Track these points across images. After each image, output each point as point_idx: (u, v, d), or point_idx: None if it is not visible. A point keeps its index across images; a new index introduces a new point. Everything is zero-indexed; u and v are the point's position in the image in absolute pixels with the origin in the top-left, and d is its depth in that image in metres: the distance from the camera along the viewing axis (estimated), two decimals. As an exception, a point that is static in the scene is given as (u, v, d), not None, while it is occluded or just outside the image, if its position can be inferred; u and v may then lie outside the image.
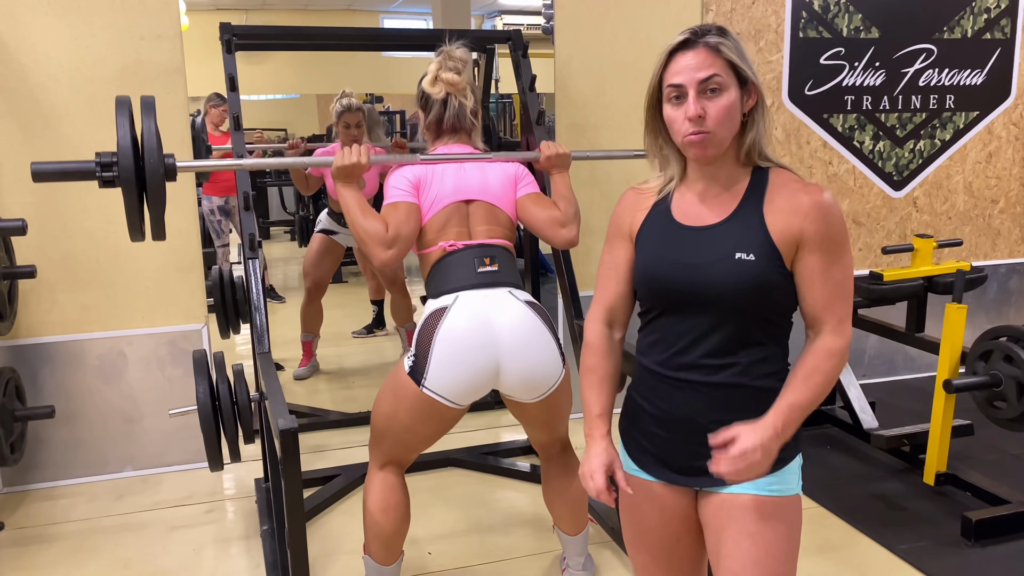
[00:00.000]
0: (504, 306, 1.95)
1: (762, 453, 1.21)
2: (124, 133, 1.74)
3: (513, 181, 2.14)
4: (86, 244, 2.92)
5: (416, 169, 2.06)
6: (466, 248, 2.01)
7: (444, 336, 1.89)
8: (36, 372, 2.92)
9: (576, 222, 2.13)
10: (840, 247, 1.26)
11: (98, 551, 2.55)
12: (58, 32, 2.80)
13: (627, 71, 3.36)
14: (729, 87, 1.26)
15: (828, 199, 1.27)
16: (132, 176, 1.75)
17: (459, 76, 2.11)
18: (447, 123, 2.12)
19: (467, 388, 1.91)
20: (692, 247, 1.32)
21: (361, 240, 1.96)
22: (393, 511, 2.02)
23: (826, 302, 1.27)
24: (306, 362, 4.19)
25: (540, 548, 2.50)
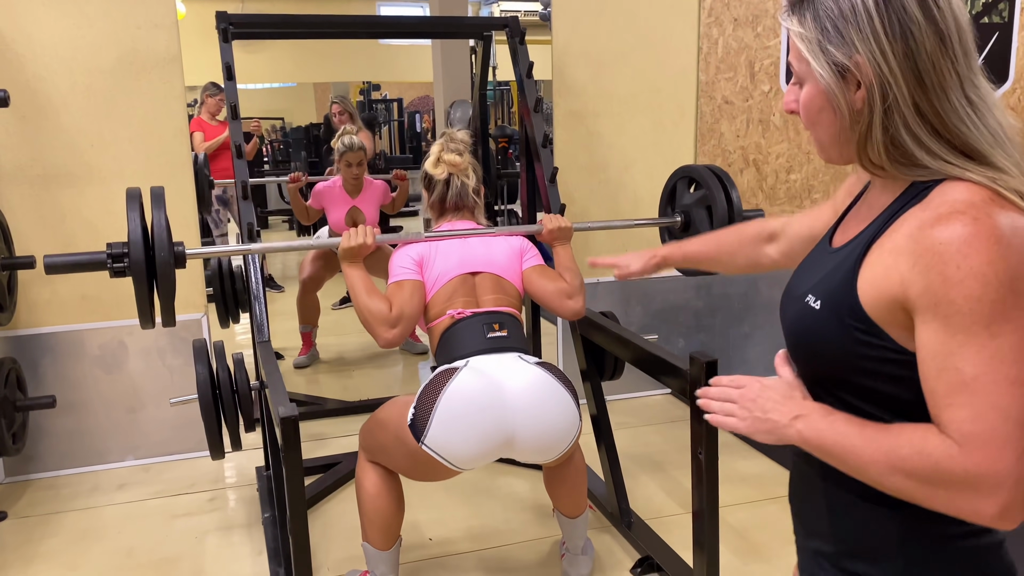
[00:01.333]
0: (515, 369, 1.93)
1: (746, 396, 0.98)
2: (135, 225, 1.80)
3: (519, 254, 2.19)
4: (85, 234, 2.92)
5: (419, 247, 2.10)
6: (474, 315, 2.03)
7: (451, 394, 1.84)
8: (37, 362, 2.93)
9: (582, 293, 2.17)
10: (973, 319, 0.78)
11: (101, 540, 2.57)
12: (55, 22, 2.79)
13: (625, 58, 3.36)
14: (807, 78, 0.92)
15: (955, 236, 0.78)
16: (143, 268, 1.81)
17: (461, 158, 2.17)
18: (450, 202, 2.19)
19: (472, 452, 1.85)
20: (804, 273, 1.02)
21: (365, 320, 1.98)
22: (386, 495, 2.03)
23: (941, 401, 0.80)
24: (306, 351, 4.21)
25: (540, 534, 2.52)
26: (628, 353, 2.25)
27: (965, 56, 0.86)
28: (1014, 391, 0.77)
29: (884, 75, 0.85)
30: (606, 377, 2.55)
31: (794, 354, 1.00)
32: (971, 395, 0.78)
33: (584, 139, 3.40)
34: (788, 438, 0.94)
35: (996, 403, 0.77)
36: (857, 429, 0.87)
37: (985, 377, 0.78)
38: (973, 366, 0.78)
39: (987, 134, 0.85)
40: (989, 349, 0.77)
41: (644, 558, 2.34)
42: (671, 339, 3.63)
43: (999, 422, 0.77)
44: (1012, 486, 0.77)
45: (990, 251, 0.77)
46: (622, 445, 2.55)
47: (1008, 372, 0.77)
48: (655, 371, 2.11)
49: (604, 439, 2.50)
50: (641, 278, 1.81)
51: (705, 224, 2.43)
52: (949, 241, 0.78)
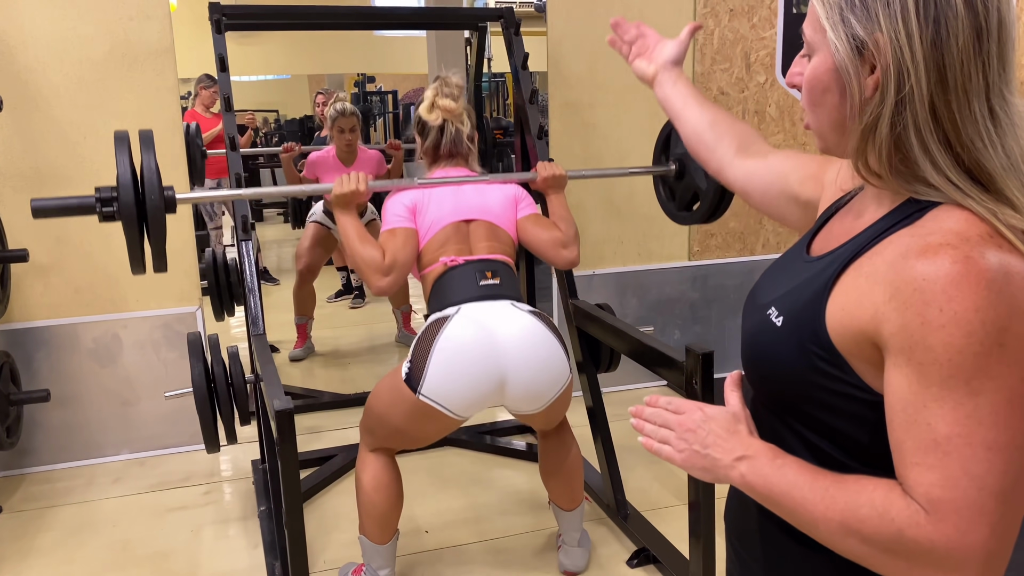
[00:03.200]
0: (508, 317, 1.94)
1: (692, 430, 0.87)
2: (124, 168, 1.75)
3: (513, 202, 2.17)
4: (78, 227, 2.90)
5: (412, 194, 2.08)
6: (467, 263, 2.03)
7: (444, 343, 1.86)
8: (31, 356, 2.92)
9: (576, 242, 2.16)
10: (951, 371, 0.68)
11: (96, 533, 2.56)
12: (46, 13, 2.77)
13: (620, 49, 3.34)
14: (817, 52, 0.81)
15: (941, 274, 0.69)
16: (133, 211, 1.76)
17: (455, 103, 2.13)
18: (444, 148, 2.16)
19: (467, 398, 1.88)
20: (772, 276, 0.94)
21: (358, 267, 1.98)
22: (386, 489, 2.03)
23: (909, 459, 0.71)
24: (301, 344, 4.20)
25: (536, 526, 2.52)
26: (624, 345, 2.25)
27: (1001, 63, 0.75)
28: (991, 457, 0.68)
29: (904, 61, 0.73)
30: (602, 369, 2.55)
31: (747, 369, 0.91)
32: (943, 456, 0.69)
33: (579, 130, 3.39)
34: (729, 479, 0.84)
35: (970, 469, 0.68)
36: (809, 479, 0.77)
37: (959, 439, 0.68)
38: (947, 424, 0.68)
39: (1002, 155, 0.74)
40: (966, 408, 0.68)
41: (640, 549, 2.35)
42: (667, 331, 3.63)
43: (972, 491, 0.68)
44: (981, 564, 0.68)
45: (978, 296, 0.67)
46: (618, 437, 2.55)
47: (986, 436, 0.68)
48: (651, 363, 2.10)
49: (600, 431, 2.50)
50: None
51: (700, 172, 2.33)
52: (934, 278, 0.69)
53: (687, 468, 0.88)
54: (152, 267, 1.89)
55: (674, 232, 3.55)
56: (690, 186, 2.38)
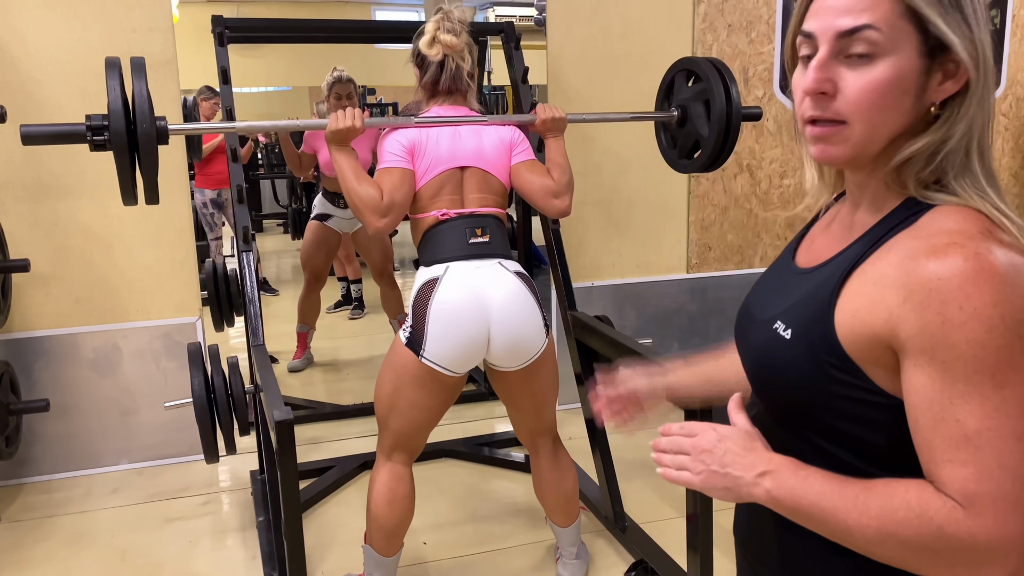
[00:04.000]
0: (494, 278, 1.99)
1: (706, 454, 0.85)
2: (115, 95, 1.70)
3: (508, 147, 2.13)
4: (80, 238, 2.92)
5: (410, 133, 2.04)
6: (459, 217, 2.03)
7: (437, 308, 1.93)
8: (30, 366, 2.92)
9: (569, 192, 2.13)
10: (976, 367, 0.69)
11: (94, 543, 2.56)
12: (50, 25, 2.79)
13: (619, 63, 3.37)
14: (891, 52, 0.75)
15: (955, 272, 0.70)
16: (124, 139, 1.71)
17: (457, 38, 2.07)
18: (443, 85, 2.10)
19: (462, 357, 1.96)
20: (767, 290, 0.93)
21: (355, 207, 1.97)
22: (399, 503, 2.03)
23: (940, 456, 0.72)
24: (300, 354, 4.20)
25: (534, 537, 2.52)
26: (623, 357, 2.25)
27: None
28: (1022, 448, 0.69)
29: (982, 65, 0.73)
30: (600, 381, 2.55)
31: (757, 386, 0.90)
32: (975, 451, 0.69)
33: (579, 143, 3.40)
34: (753, 496, 0.82)
35: (1003, 461, 0.68)
36: (837, 488, 0.76)
37: (990, 432, 0.69)
38: (976, 419, 0.69)
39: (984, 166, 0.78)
40: (994, 401, 0.69)
41: (638, 562, 2.35)
42: (666, 343, 3.64)
43: (1007, 482, 0.68)
44: (1021, 553, 0.69)
45: (995, 291, 0.68)
46: (616, 449, 2.56)
47: (1015, 427, 0.69)
48: (649, 375, 2.11)
49: (598, 443, 2.51)
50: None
51: (702, 120, 2.29)
52: (948, 277, 0.70)
53: (707, 490, 0.86)
54: (143, 199, 1.84)
55: (672, 245, 3.57)
56: (692, 133, 2.33)
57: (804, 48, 0.80)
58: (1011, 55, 3.92)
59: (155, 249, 3.00)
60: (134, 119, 1.74)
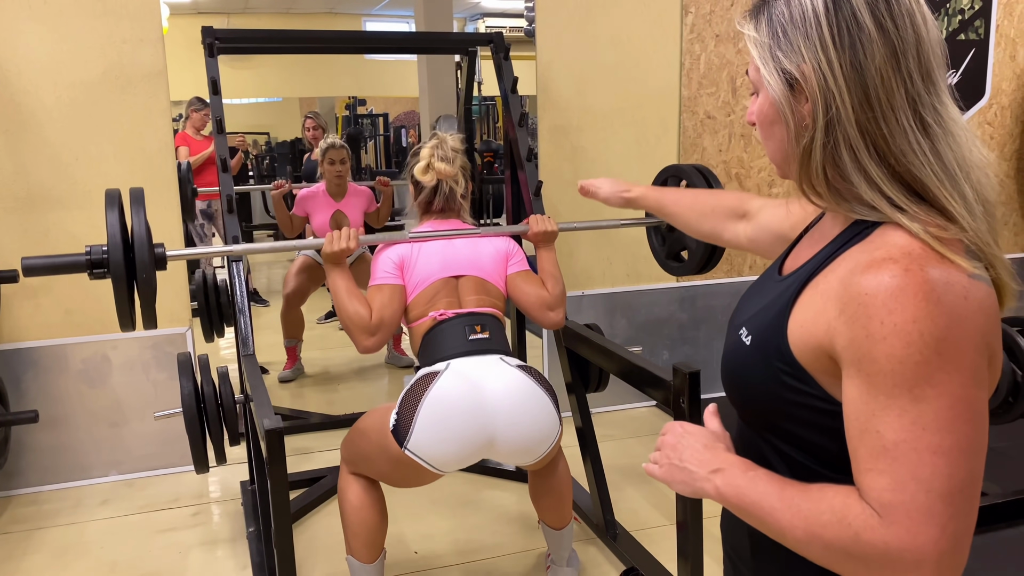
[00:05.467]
0: (496, 372, 1.94)
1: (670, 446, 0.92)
2: (114, 228, 1.75)
3: (504, 257, 2.19)
4: (69, 248, 2.90)
5: (401, 249, 2.09)
6: (456, 317, 2.03)
7: (433, 399, 1.85)
8: (19, 377, 2.91)
9: (563, 304, 2.19)
10: (895, 380, 0.72)
11: (84, 555, 2.55)
12: (40, 36, 2.80)
13: (608, 73, 3.39)
14: (760, 91, 0.88)
15: (882, 288, 0.73)
16: (123, 270, 1.76)
17: (451, 166, 2.15)
18: (437, 205, 2.19)
19: (453, 455, 1.87)
20: (749, 299, 0.98)
21: (345, 325, 2.00)
22: (370, 507, 2.03)
23: (863, 465, 0.75)
24: (291, 365, 4.20)
25: (526, 546, 2.52)
26: (613, 365, 2.26)
27: (925, 77, 0.79)
28: (936, 461, 0.71)
29: (828, 87, 0.79)
30: (591, 389, 2.57)
31: (725, 387, 0.95)
32: (891, 461, 0.72)
33: (568, 153, 3.43)
34: (704, 492, 0.87)
35: (916, 473, 0.71)
36: (777, 489, 0.80)
37: (905, 444, 0.71)
38: (894, 431, 0.72)
39: (936, 164, 0.78)
40: (911, 414, 0.71)
41: (629, 569, 2.35)
42: (656, 351, 3.65)
43: (920, 493, 0.71)
44: (934, 564, 0.71)
45: (917, 308, 0.71)
46: (607, 457, 2.56)
47: (930, 440, 0.71)
48: (640, 383, 2.12)
49: (589, 451, 2.51)
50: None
51: None
52: (875, 292, 0.73)
53: (667, 481, 0.91)
54: (142, 324, 1.90)
55: (662, 254, 3.59)
56: (680, 240, 2.46)
57: None
58: (995, 65, 3.97)
59: (145, 260, 2.99)
60: (132, 247, 1.77)
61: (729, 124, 3.60)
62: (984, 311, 0.74)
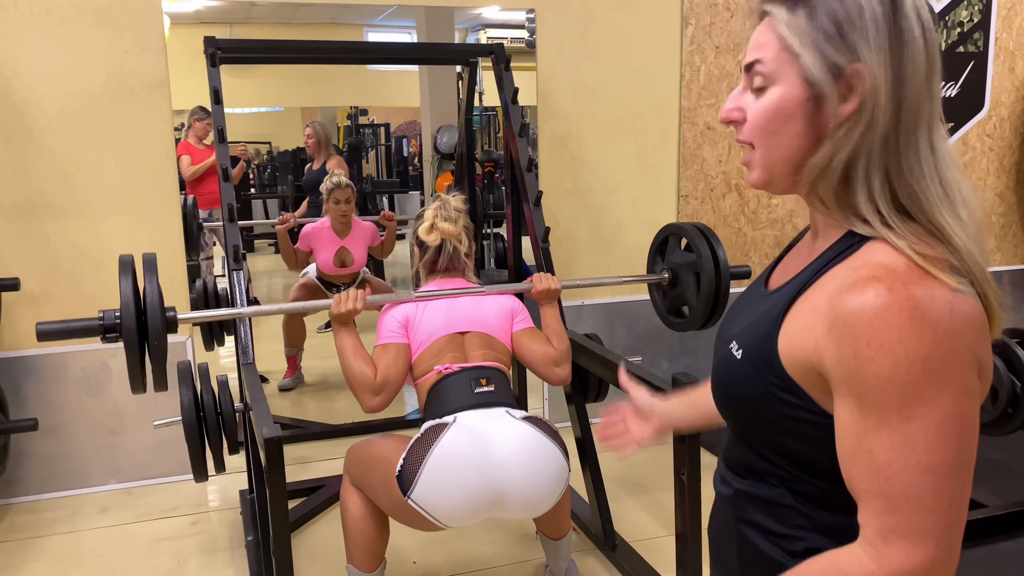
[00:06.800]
0: (503, 425, 1.94)
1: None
2: (127, 296, 1.81)
3: (510, 315, 2.20)
4: (69, 256, 2.92)
5: (406, 308, 2.11)
6: (462, 371, 2.04)
7: (440, 452, 1.84)
8: (19, 385, 2.91)
9: (568, 360, 2.20)
10: (884, 400, 0.72)
11: (82, 564, 2.54)
12: (42, 46, 2.81)
13: (608, 84, 3.40)
14: (776, 83, 0.81)
15: (867, 307, 0.72)
16: (135, 336, 1.81)
17: (455, 226, 2.18)
18: (441, 265, 2.21)
19: (458, 511, 1.85)
20: (736, 313, 0.96)
21: (350, 384, 2.01)
22: (371, 518, 2.03)
23: (858, 485, 0.75)
24: (291, 374, 4.20)
25: (524, 556, 2.51)
26: (612, 375, 2.26)
27: (937, 98, 0.79)
28: (926, 480, 0.71)
29: (877, 92, 0.76)
30: (590, 399, 2.57)
31: (718, 402, 0.94)
32: (884, 481, 0.72)
33: (568, 163, 3.43)
34: None
35: (909, 493, 0.72)
36: None
37: (896, 464, 0.72)
38: (885, 451, 0.72)
39: (939, 188, 0.78)
40: (900, 433, 0.72)
41: (628, 580, 2.34)
42: (656, 361, 3.65)
43: (914, 513, 0.72)
44: (942, 569, 0.73)
45: (902, 327, 0.71)
46: (606, 467, 2.56)
47: (919, 459, 0.71)
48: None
49: (588, 461, 2.51)
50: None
51: (692, 289, 2.45)
52: (860, 312, 0.72)
53: None
54: (152, 387, 1.94)
55: (662, 264, 3.59)
56: (681, 297, 2.50)
57: None
58: (994, 77, 3.98)
59: (146, 268, 3.00)
60: (145, 312, 1.83)
61: (729, 135, 3.61)
62: (970, 323, 0.73)
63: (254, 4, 3.44)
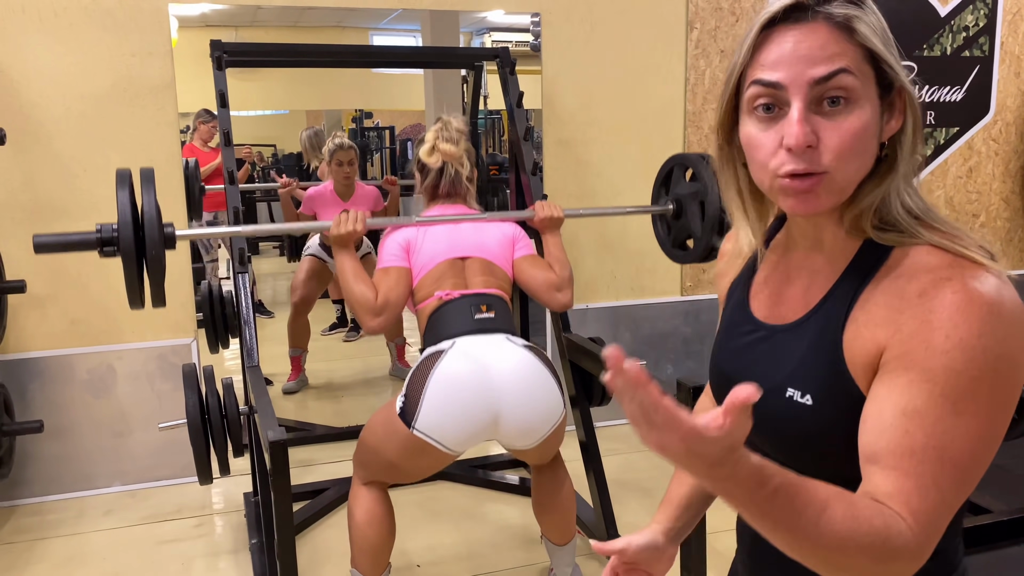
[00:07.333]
0: (502, 351, 1.95)
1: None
2: (124, 206, 1.78)
3: (511, 242, 2.20)
4: (75, 259, 2.93)
5: (407, 232, 2.10)
6: (463, 297, 2.04)
7: (439, 378, 1.87)
8: (25, 387, 2.92)
9: (570, 285, 2.19)
10: (944, 390, 0.70)
11: (86, 566, 2.54)
12: (49, 49, 2.82)
13: (613, 88, 3.41)
14: (862, 96, 0.74)
15: (946, 304, 0.71)
16: (132, 248, 1.79)
17: (456, 147, 2.16)
18: (442, 189, 2.20)
19: (460, 433, 1.88)
20: (752, 356, 0.89)
21: (351, 306, 2.01)
22: (379, 523, 2.03)
23: (885, 460, 0.71)
24: (295, 376, 4.20)
25: (529, 560, 2.51)
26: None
27: None
28: (955, 474, 0.70)
29: (915, 107, 0.77)
30: (595, 403, 2.56)
31: (773, 455, 0.74)
32: (917, 464, 0.70)
33: (573, 167, 3.44)
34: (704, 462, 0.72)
35: (939, 482, 0.70)
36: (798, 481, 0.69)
37: (934, 451, 0.70)
38: (926, 436, 0.70)
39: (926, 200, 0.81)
40: (945, 424, 0.70)
41: (632, 585, 2.33)
42: (660, 365, 3.65)
43: (939, 504, 0.70)
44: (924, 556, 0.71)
45: (982, 322, 0.69)
46: (611, 471, 2.56)
47: (954, 455, 0.70)
48: (643, 397, 2.11)
49: (593, 465, 2.51)
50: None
51: (696, 218, 2.38)
52: (939, 309, 0.71)
53: None
54: (151, 302, 1.91)
55: (667, 268, 3.58)
56: (686, 228, 2.44)
57: (763, 99, 0.77)
58: (1000, 82, 3.97)
59: (151, 271, 3.01)
60: (143, 227, 1.80)
61: (734, 139, 3.61)
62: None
63: (259, 7, 3.45)
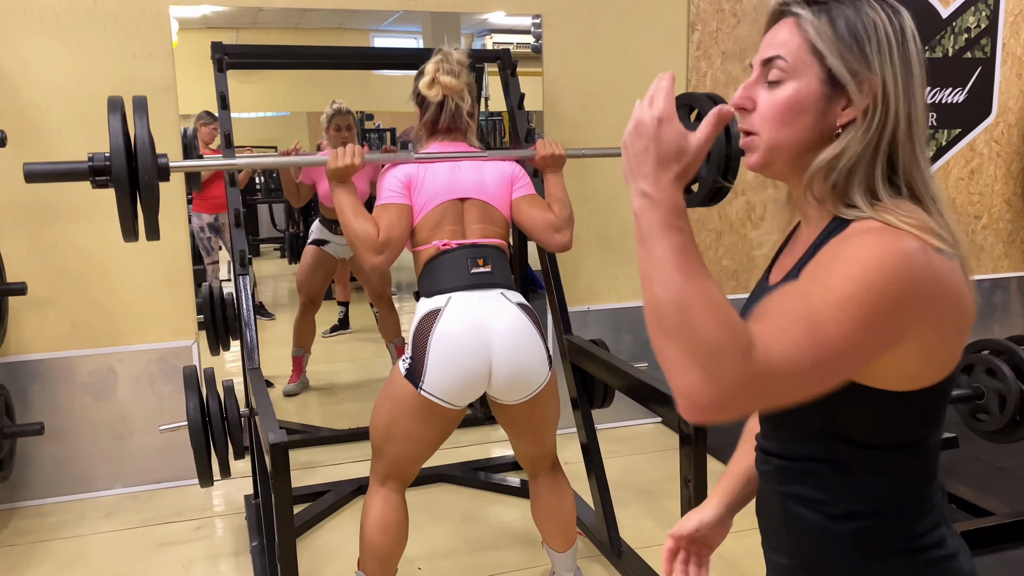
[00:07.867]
0: (497, 309, 1.97)
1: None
2: (116, 134, 1.72)
3: (510, 181, 2.15)
4: (76, 261, 2.93)
5: (407, 168, 2.06)
6: (460, 248, 2.03)
7: (439, 339, 1.91)
8: (25, 389, 2.92)
9: (570, 226, 2.16)
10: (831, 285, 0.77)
11: (87, 568, 2.54)
12: (50, 51, 2.82)
13: (614, 90, 3.40)
14: (794, 79, 0.88)
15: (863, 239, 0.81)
16: (125, 177, 1.73)
17: (457, 79, 2.09)
18: (443, 124, 2.13)
19: (462, 389, 1.94)
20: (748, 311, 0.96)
21: (352, 243, 1.98)
22: (392, 530, 2.02)
23: (758, 311, 0.80)
24: (296, 378, 4.20)
25: (530, 563, 2.51)
26: (618, 381, 2.26)
27: (927, 116, 0.90)
28: (815, 349, 0.75)
29: (888, 101, 0.86)
30: (596, 405, 2.56)
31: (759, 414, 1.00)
32: (789, 321, 0.76)
33: (574, 168, 3.42)
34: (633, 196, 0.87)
35: (798, 342, 0.74)
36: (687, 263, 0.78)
37: (804, 320, 0.76)
38: (806, 308, 0.76)
39: (933, 191, 0.88)
40: (827, 309, 0.75)
41: (634, 587, 2.33)
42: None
43: (791, 357, 0.75)
44: (740, 407, 0.75)
45: (883, 261, 0.77)
46: (612, 474, 2.55)
47: (821, 335, 0.75)
48: (645, 399, 2.12)
49: (594, 468, 2.50)
50: None
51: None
52: (851, 246, 0.80)
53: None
54: (144, 235, 1.86)
55: (668, 269, 3.58)
56: None
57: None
58: (1001, 83, 3.97)
59: (152, 273, 3.01)
60: (135, 157, 1.75)
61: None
62: (943, 277, 0.80)
63: (260, 9, 3.45)
